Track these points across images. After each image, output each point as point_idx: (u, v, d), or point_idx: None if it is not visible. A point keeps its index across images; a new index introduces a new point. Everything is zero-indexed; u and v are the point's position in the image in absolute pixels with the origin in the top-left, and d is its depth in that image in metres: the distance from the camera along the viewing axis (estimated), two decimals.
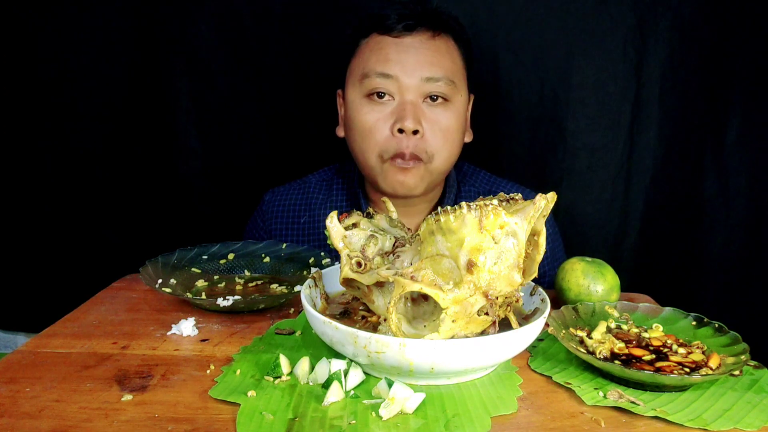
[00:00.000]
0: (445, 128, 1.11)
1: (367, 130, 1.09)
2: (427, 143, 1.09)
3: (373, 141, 1.10)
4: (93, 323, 0.86)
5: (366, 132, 1.10)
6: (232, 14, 1.46)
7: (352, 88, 1.12)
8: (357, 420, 0.63)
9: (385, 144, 1.09)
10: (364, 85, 1.09)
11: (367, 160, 1.12)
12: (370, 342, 0.66)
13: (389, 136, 1.09)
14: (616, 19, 1.41)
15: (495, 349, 0.67)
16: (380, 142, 1.09)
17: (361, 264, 0.74)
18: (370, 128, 1.09)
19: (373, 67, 1.09)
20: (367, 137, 1.10)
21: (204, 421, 0.62)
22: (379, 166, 1.11)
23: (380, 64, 1.08)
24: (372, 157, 1.11)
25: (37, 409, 0.64)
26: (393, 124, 1.08)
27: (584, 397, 0.68)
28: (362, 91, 1.10)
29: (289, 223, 1.24)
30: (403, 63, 1.08)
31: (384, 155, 1.10)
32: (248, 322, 0.88)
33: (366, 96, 1.10)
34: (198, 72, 1.49)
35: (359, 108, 1.10)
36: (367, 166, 1.13)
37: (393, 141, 1.08)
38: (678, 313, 0.84)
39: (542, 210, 0.66)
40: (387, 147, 1.09)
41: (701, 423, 0.63)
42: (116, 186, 1.53)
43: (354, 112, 1.11)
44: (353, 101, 1.12)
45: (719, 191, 1.42)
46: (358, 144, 1.13)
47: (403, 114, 1.06)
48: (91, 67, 1.48)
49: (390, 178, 1.11)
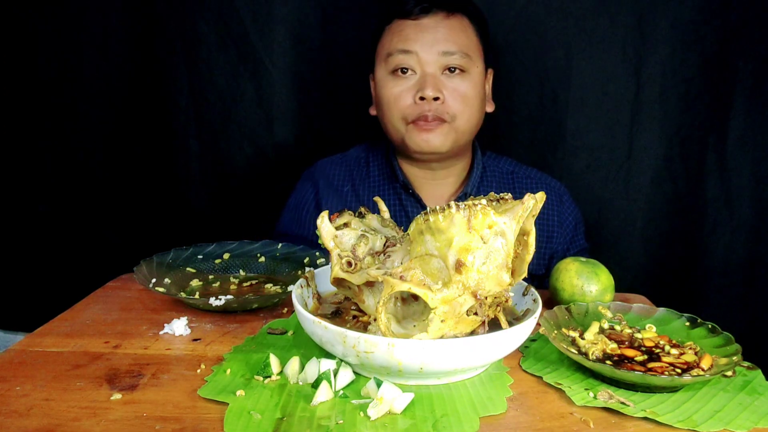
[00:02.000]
0: (464, 94, 1.21)
1: (392, 100, 1.21)
2: (449, 107, 1.19)
3: (397, 109, 1.20)
4: (86, 322, 0.87)
5: (392, 103, 1.21)
6: (232, 13, 1.46)
7: (379, 68, 1.24)
8: (345, 420, 0.63)
9: (408, 110, 1.20)
10: (389, 63, 1.21)
11: (394, 124, 1.22)
12: (359, 342, 0.66)
13: (412, 104, 1.19)
14: (615, 19, 1.41)
15: (484, 349, 0.67)
16: (403, 108, 1.20)
17: (352, 264, 0.74)
18: (395, 98, 1.20)
19: (395, 46, 1.20)
20: (393, 107, 1.21)
21: (192, 421, 0.62)
22: (404, 128, 1.21)
23: (401, 43, 1.20)
24: (397, 122, 1.21)
25: (26, 408, 0.64)
26: (415, 94, 1.18)
27: (574, 398, 0.68)
28: (387, 69, 1.21)
29: (334, 187, 1.32)
30: (421, 41, 1.18)
31: (407, 118, 1.20)
32: (241, 322, 0.88)
33: (391, 72, 1.21)
34: (197, 72, 1.49)
35: (385, 83, 1.22)
36: (395, 132, 1.23)
37: (416, 107, 1.19)
38: (671, 314, 0.84)
39: (531, 210, 0.66)
40: (410, 112, 1.19)
41: (691, 424, 0.63)
42: (115, 186, 1.54)
43: (381, 88, 1.23)
44: (381, 79, 1.23)
45: (722, 192, 1.41)
46: (386, 115, 1.23)
47: (424, 84, 1.17)
48: (91, 67, 1.48)
49: (415, 137, 1.20)
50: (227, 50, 1.48)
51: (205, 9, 1.46)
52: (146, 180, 1.55)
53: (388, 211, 0.83)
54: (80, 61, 1.47)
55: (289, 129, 1.53)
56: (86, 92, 1.49)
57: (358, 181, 1.32)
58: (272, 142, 1.53)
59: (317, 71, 1.50)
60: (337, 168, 1.34)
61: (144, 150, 1.53)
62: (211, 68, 1.49)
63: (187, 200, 1.55)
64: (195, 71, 1.49)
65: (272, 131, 1.53)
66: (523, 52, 1.46)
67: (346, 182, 1.32)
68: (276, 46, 1.48)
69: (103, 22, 1.46)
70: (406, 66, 1.19)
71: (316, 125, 1.53)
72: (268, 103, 1.51)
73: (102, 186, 1.54)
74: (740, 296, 1.42)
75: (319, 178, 1.33)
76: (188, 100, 1.50)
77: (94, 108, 1.50)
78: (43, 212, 1.54)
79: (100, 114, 1.50)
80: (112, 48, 1.48)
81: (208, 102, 1.51)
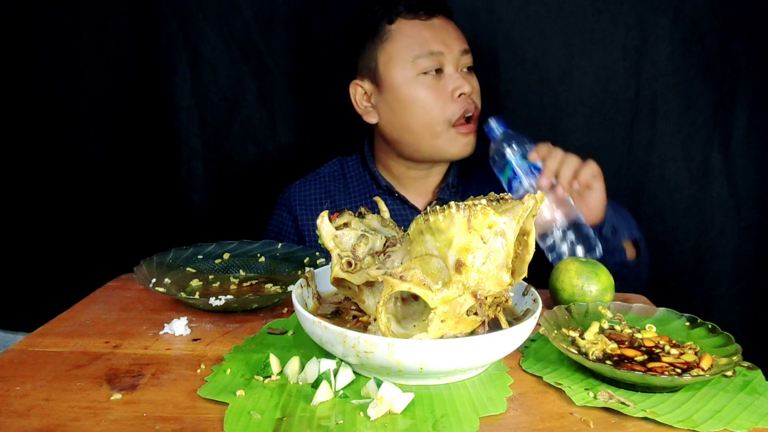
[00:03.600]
0: (478, 91, 1.25)
1: (431, 101, 1.19)
2: (475, 103, 1.23)
3: (439, 108, 1.19)
4: (86, 322, 0.87)
5: (431, 103, 1.19)
6: (234, 13, 1.46)
7: (401, 70, 1.20)
8: (345, 420, 0.63)
9: (451, 109, 1.19)
10: (418, 65, 1.19)
11: (434, 127, 1.20)
12: (359, 342, 0.66)
13: (451, 101, 1.19)
14: (616, 18, 1.41)
15: (484, 349, 0.67)
16: (447, 108, 1.19)
17: (352, 264, 0.74)
18: (434, 99, 1.19)
19: (423, 48, 1.19)
20: (433, 107, 1.19)
21: (192, 421, 0.62)
22: (446, 132, 1.20)
23: (429, 45, 1.19)
24: (438, 124, 1.20)
25: (26, 408, 0.64)
26: (452, 91, 1.19)
27: (574, 398, 0.68)
28: (416, 71, 1.19)
29: (312, 211, 1.30)
30: (444, 41, 1.20)
31: (452, 119, 1.19)
32: (241, 322, 0.88)
33: (421, 74, 1.19)
34: (199, 71, 1.49)
35: (416, 85, 1.19)
36: (428, 135, 1.21)
37: (456, 104, 1.19)
38: (671, 314, 0.84)
39: (531, 210, 0.66)
40: (454, 111, 1.19)
41: (691, 424, 0.63)
42: (115, 186, 1.54)
43: (411, 90, 1.20)
44: (406, 81, 1.20)
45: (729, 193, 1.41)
46: (419, 117, 1.20)
47: (460, 82, 1.19)
48: (91, 67, 1.48)
49: (459, 140, 1.21)
50: (230, 50, 1.48)
51: (207, 9, 1.46)
52: (147, 180, 1.55)
53: (388, 211, 0.83)
54: (80, 61, 1.47)
55: (291, 129, 1.53)
56: (86, 92, 1.49)
57: (337, 196, 1.31)
58: (275, 142, 1.53)
59: (320, 71, 1.49)
60: (312, 187, 1.33)
61: (145, 150, 1.53)
62: (213, 68, 1.49)
63: (188, 200, 1.55)
64: (197, 71, 1.48)
65: (275, 131, 1.53)
66: (523, 51, 1.45)
67: (324, 200, 1.31)
68: (278, 46, 1.48)
69: (105, 22, 1.46)
70: (438, 66, 1.19)
71: (319, 125, 1.53)
72: (271, 103, 1.51)
73: (102, 186, 1.54)
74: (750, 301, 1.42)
75: (295, 205, 1.32)
76: (191, 99, 1.50)
77: (94, 108, 1.50)
78: (43, 212, 1.54)
79: (101, 114, 1.50)
80: (114, 48, 1.48)
81: (211, 102, 1.51)
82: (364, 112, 1.27)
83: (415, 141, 1.22)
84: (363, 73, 1.25)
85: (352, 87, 1.27)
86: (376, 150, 1.32)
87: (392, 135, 1.24)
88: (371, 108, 1.26)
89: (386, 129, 1.25)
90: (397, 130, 1.23)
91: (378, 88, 1.23)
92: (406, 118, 1.21)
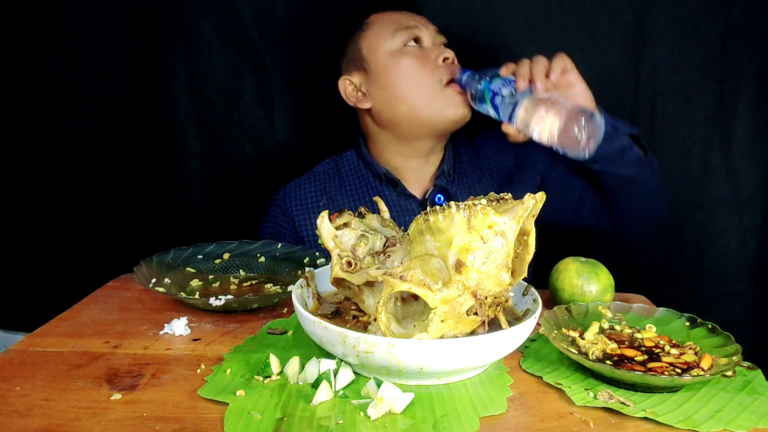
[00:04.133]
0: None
1: (419, 66, 1.20)
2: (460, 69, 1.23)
3: (428, 72, 1.20)
4: (86, 322, 0.87)
5: (419, 68, 1.20)
6: (232, 12, 1.46)
7: (384, 47, 1.22)
8: (345, 420, 0.63)
9: (440, 72, 1.20)
10: (398, 38, 1.22)
11: (428, 90, 1.20)
12: (359, 342, 0.66)
13: (438, 66, 1.20)
14: (615, 17, 1.40)
15: (484, 349, 0.67)
16: (435, 71, 1.20)
17: (352, 263, 0.74)
18: (421, 64, 1.20)
19: (399, 24, 1.23)
20: (421, 72, 1.20)
21: (192, 421, 0.62)
22: (441, 93, 1.20)
23: (404, 21, 1.23)
24: (432, 85, 1.20)
25: (26, 408, 0.64)
26: (436, 58, 1.20)
27: (574, 398, 0.68)
28: (397, 44, 1.22)
29: (309, 210, 1.29)
30: (416, 20, 1.25)
31: (443, 80, 1.20)
32: (241, 322, 0.88)
33: (403, 45, 1.22)
34: (197, 71, 1.49)
35: (402, 56, 1.21)
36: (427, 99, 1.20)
37: (443, 68, 1.20)
38: (671, 314, 0.84)
39: (531, 210, 0.66)
40: (443, 73, 1.20)
41: (691, 424, 0.63)
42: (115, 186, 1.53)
43: (397, 61, 1.21)
44: (392, 55, 1.22)
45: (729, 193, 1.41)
46: (411, 84, 1.21)
47: (442, 49, 1.22)
48: (91, 66, 1.48)
49: (455, 99, 1.20)
50: (228, 50, 1.48)
51: (205, 8, 1.46)
52: (146, 180, 1.54)
53: (388, 211, 0.83)
54: (80, 60, 1.47)
55: (290, 128, 1.53)
56: (86, 91, 1.48)
57: (333, 192, 1.31)
58: (273, 141, 1.53)
59: (318, 70, 1.49)
60: (308, 187, 1.32)
61: (144, 149, 1.52)
62: (211, 67, 1.49)
63: (187, 200, 1.55)
64: (196, 70, 1.48)
65: (273, 130, 1.53)
66: (522, 50, 1.45)
67: (319, 197, 1.31)
68: (277, 45, 1.48)
69: (103, 22, 1.45)
70: (417, 37, 1.22)
71: (317, 124, 1.53)
72: (269, 102, 1.51)
73: (102, 186, 1.53)
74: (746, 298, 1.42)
75: (291, 205, 1.31)
76: (188, 99, 1.49)
77: (93, 108, 1.50)
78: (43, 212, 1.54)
79: (100, 114, 1.50)
80: (112, 47, 1.47)
81: (209, 101, 1.50)
82: (357, 101, 1.28)
83: (412, 111, 1.22)
84: (349, 68, 1.28)
85: (341, 83, 1.29)
86: (372, 144, 1.33)
87: (388, 114, 1.24)
88: (363, 96, 1.27)
89: (381, 110, 1.25)
90: (393, 106, 1.23)
91: (366, 73, 1.25)
92: (399, 90, 1.22)
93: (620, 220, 1.28)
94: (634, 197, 1.23)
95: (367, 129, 1.33)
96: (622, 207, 1.26)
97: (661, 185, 1.24)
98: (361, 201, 1.28)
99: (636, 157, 1.16)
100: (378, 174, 1.29)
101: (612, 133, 1.12)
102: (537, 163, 1.33)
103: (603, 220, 1.30)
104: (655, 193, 1.23)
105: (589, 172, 1.25)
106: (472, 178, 1.31)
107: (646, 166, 1.19)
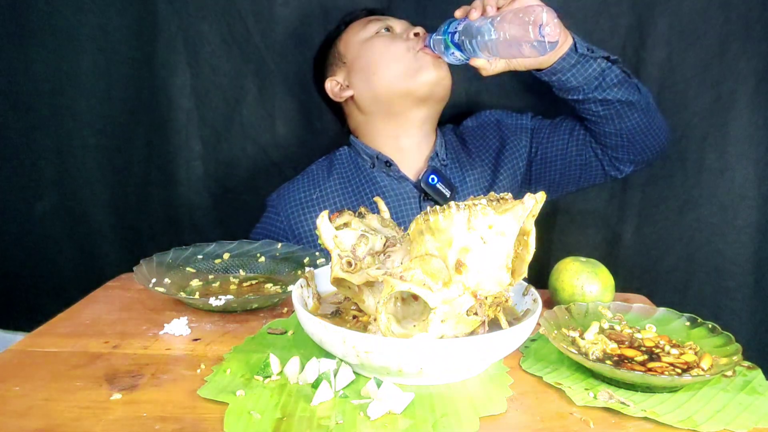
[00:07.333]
0: None
1: (390, 44, 1.25)
2: None
3: (401, 46, 1.24)
4: (85, 322, 0.86)
5: (391, 46, 1.25)
6: (234, 13, 1.46)
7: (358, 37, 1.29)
8: (345, 420, 0.63)
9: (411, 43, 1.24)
10: (370, 28, 1.29)
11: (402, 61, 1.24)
12: (359, 342, 0.66)
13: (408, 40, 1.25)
14: (615, 18, 1.40)
15: (484, 349, 0.67)
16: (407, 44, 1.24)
17: (352, 263, 0.74)
18: (393, 43, 1.25)
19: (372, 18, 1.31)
20: (392, 44, 1.25)
21: (192, 421, 0.62)
22: (414, 58, 1.23)
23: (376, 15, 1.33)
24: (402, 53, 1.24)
25: (25, 408, 0.64)
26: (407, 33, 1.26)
27: (574, 398, 0.68)
28: (370, 32, 1.28)
29: (304, 207, 1.30)
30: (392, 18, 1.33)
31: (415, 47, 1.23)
32: (241, 322, 0.88)
33: (375, 33, 1.28)
34: (199, 72, 1.49)
35: (375, 40, 1.27)
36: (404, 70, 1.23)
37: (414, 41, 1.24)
38: (671, 314, 0.84)
39: (531, 210, 0.66)
40: (414, 42, 1.24)
41: (691, 424, 0.63)
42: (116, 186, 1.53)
43: (371, 45, 1.27)
44: (366, 42, 1.28)
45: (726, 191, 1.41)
46: (381, 58, 1.25)
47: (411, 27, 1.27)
48: (92, 67, 1.48)
49: (430, 61, 1.22)
50: (230, 51, 1.48)
51: (207, 9, 1.46)
52: (147, 180, 1.54)
53: (388, 211, 0.83)
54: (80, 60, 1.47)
55: (291, 130, 1.53)
56: (86, 91, 1.48)
57: (325, 183, 1.32)
58: (275, 143, 1.53)
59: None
60: (301, 186, 1.32)
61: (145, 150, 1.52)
62: (213, 69, 1.49)
63: (188, 200, 1.55)
64: (197, 72, 1.48)
65: (275, 131, 1.53)
66: None
67: (312, 192, 1.31)
68: (278, 46, 1.48)
69: (104, 22, 1.46)
70: (390, 26, 1.28)
71: (318, 125, 1.53)
72: (271, 103, 1.51)
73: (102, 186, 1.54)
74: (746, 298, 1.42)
75: (286, 206, 1.31)
76: (190, 100, 1.49)
77: (94, 108, 1.50)
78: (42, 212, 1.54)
79: (101, 114, 1.50)
80: (113, 48, 1.47)
81: (211, 102, 1.50)
82: (342, 90, 1.32)
83: (390, 84, 1.25)
84: (332, 69, 1.34)
85: (327, 84, 1.34)
86: (363, 135, 1.35)
87: (369, 93, 1.28)
88: (346, 86, 1.32)
89: (363, 92, 1.29)
90: (372, 84, 1.26)
91: (346, 65, 1.31)
92: (374, 66, 1.26)
93: (625, 153, 1.26)
94: (632, 123, 1.20)
95: (356, 122, 1.34)
96: (623, 138, 1.23)
97: (656, 106, 1.24)
98: (353, 189, 1.29)
99: (618, 78, 1.16)
100: (371, 158, 1.30)
101: (588, 55, 1.14)
102: (523, 125, 1.37)
103: (603, 162, 1.29)
104: (653, 113, 1.22)
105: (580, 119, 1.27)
106: (463, 161, 1.32)
107: (632, 88, 1.18)
